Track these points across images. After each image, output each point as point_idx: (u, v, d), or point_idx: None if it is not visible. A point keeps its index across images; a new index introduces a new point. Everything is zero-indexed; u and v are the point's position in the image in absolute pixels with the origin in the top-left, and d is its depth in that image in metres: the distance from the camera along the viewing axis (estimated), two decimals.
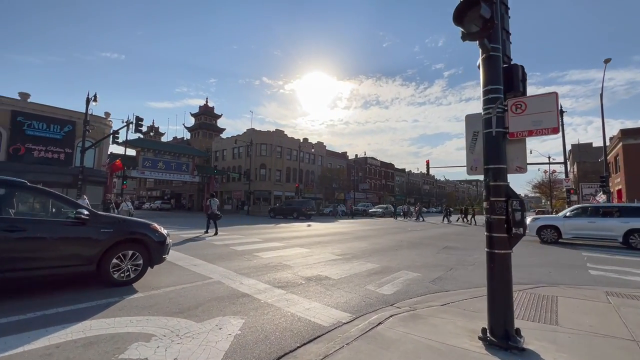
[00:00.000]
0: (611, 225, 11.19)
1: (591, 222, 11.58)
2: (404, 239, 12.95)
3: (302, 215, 28.80)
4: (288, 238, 12.07)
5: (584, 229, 11.71)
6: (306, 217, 28.91)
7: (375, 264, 7.46)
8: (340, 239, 12.25)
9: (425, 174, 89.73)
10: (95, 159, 28.85)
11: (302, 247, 9.65)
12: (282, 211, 30.36)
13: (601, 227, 11.32)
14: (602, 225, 11.33)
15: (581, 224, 11.78)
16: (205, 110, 59.39)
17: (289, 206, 30.54)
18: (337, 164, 56.56)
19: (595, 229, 11.46)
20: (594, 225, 11.49)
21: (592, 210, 12.22)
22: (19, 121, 24.48)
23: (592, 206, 12.71)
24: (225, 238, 11.43)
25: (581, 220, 11.89)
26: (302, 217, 28.78)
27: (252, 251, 8.61)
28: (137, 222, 5.23)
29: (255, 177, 44.31)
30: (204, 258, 7.40)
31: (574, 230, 11.90)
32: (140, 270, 5.09)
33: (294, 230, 16.23)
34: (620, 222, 11.08)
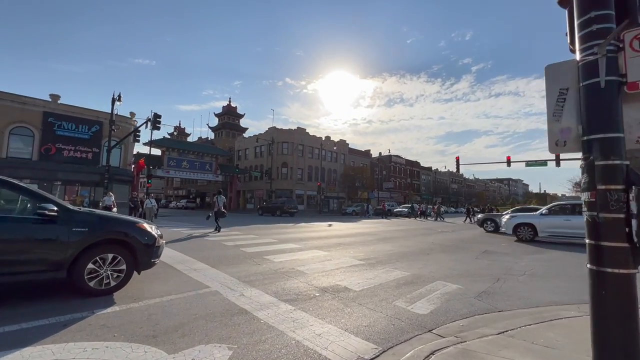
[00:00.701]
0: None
1: (567, 221, 11.15)
2: (435, 241, 11.61)
3: (285, 212, 30.38)
4: (306, 239, 11.13)
5: (559, 227, 11.34)
6: (289, 214, 30.43)
7: (405, 271, 6.32)
8: (363, 241, 11.14)
9: (453, 172, 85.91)
10: (121, 158, 29.45)
11: (320, 250, 8.65)
12: (269, 209, 32.49)
13: (577, 226, 10.69)
14: (578, 224, 10.64)
15: (557, 222, 11.42)
16: (229, 110, 60.01)
17: (274, 204, 32.80)
18: (360, 162, 55.12)
19: (571, 228, 11.00)
20: (569, 224, 11.05)
21: (569, 208, 11.77)
22: (50, 122, 25.34)
23: (569, 204, 12.19)
24: (237, 238, 10.67)
25: (557, 218, 11.51)
26: (285, 214, 30.38)
27: (264, 254, 7.72)
28: (120, 220, 4.45)
29: (276, 175, 43.94)
30: (208, 261, 6.59)
31: (550, 229, 11.53)
32: (123, 277, 4.31)
33: (314, 230, 15.29)
34: None
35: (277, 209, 30.94)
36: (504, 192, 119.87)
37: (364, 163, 56.43)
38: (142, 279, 4.96)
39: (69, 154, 26.14)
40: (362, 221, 25.03)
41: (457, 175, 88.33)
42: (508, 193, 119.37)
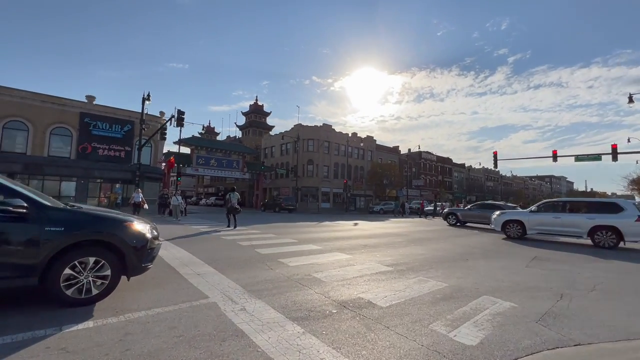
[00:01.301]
0: (577, 221, 10.74)
1: (556, 218, 11.14)
2: (474, 245, 10.31)
3: (283, 209, 34.06)
4: (328, 239, 10.30)
5: (548, 224, 11.29)
6: (287, 210, 33.90)
7: (441, 281, 5.30)
8: (391, 243, 10.11)
9: (488, 169, 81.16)
10: (152, 157, 30.29)
11: (343, 253, 7.78)
12: (269, 206, 36.51)
13: (566, 223, 10.89)
14: (567, 221, 10.89)
15: (546, 220, 11.37)
16: (255, 108, 60.53)
17: (274, 202, 36.87)
18: (388, 159, 53.36)
19: (560, 225, 11.01)
20: (559, 221, 11.06)
21: (558, 205, 11.68)
22: (86, 122, 26.49)
23: (559, 201, 12.02)
24: (255, 237, 10.07)
25: (546, 215, 11.45)
26: (283, 210, 34.04)
27: (279, 256, 6.99)
28: (104, 218, 3.86)
29: (302, 173, 43.51)
30: (216, 264, 5.96)
31: (539, 226, 11.51)
32: (108, 284, 3.72)
33: (338, 230, 14.43)
34: (586, 218, 10.62)
35: (276, 206, 35.20)
36: (545, 190, 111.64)
37: (392, 160, 54.56)
38: (135, 286, 4.38)
39: (104, 152, 27.22)
40: (390, 220, 23.76)
41: (492, 172, 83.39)
42: (550, 191, 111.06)
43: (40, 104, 24.90)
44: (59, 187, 25.58)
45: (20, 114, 24.16)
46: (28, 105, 24.45)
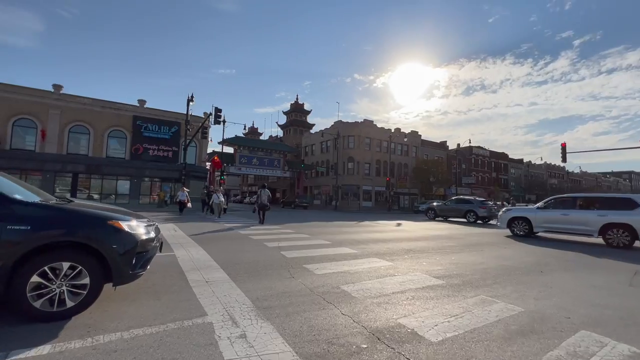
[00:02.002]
0: (586, 218, 10.23)
1: (565, 215, 10.70)
2: (548, 253, 8.46)
3: (298, 206, 38.23)
4: (366, 242, 9.17)
5: (556, 222, 10.87)
6: (302, 207, 37.84)
7: (513, 303, 3.96)
8: (440, 247, 8.68)
9: (552, 164, 72.65)
10: (197, 156, 31.45)
11: (382, 259, 6.64)
12: (287, 203, 41.24)
13: (575, 221, 10.42)
14: (576, 219, 10.42)
15: (554, 217, 10.95)
16: (296, 107, 60.76)
17: (290, 200, 41.24)
18: (434, 155, 50.11)
19: (568, 223, 10.56)
20: (567, 218, 10.60)
21: (567, 201, 11.15)
22: (138, 124, 28.22)
23: (568, 197, 11.43)
24: (285, 237, 9.29)
25: (554, 212, 11.04)
26: (298, 207, 37.97)
27: (306, 260, 6.08)
28: (83, 216, 3.22)
29: (342, 171, 42.46)
30: (232, 268, 5.22)
31: (546, 223, 11.12)
32: (86, 294, 3.08)
33: (378, 230, 13.18)
34: (596, 215, 10.08)
35: (292, 203, 39.60)
36: (623, 188, 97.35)
37: (439, 156, 51.14)
38: (128, 294, 3.75)
39: (154, 153, 28.79)
40: (438, 221, 21.70)
41: (556, 168, 74.70)
42: (630, 188, 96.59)
43: (100, 109, 27.01)
44: (115, 186, 27.57)
45: (83, 118, 26.40)
46: (89, 111, 26.65)
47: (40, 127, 24.93)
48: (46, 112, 25.04)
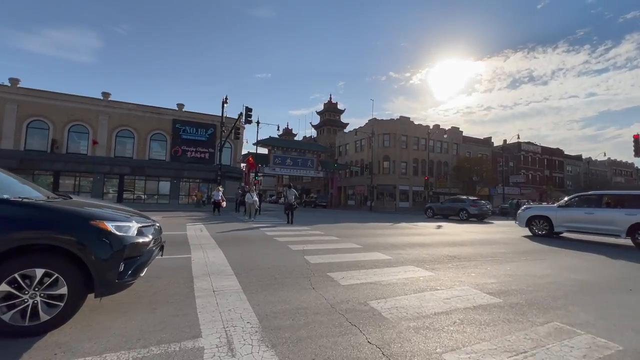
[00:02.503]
0: (613, 217, 9.53)
1: (589, 214, 10.05)
2: (630, 266, 6.91)
3: (317, 205, 39.24)
4: (402, 246, 8.22)
5: (579, 221, 10.27)
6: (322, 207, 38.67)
7: (602, 337, 2.91)
8: (490, 254, 7.49)
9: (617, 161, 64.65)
10: (232, 157, 32.08)
11: (421, 267, 5.71)
12: (308, 202, 42.01)
13: (600, 220, 9.76)
14: (601, 218, 9.76)
15: (577, 216, 10.37)
16: (329, 107, 60.25)
17: (310, 199, 42.69)
18: (477, 153, 46.78)
19: (593, 222, 9.90)
20: (591, 218, 9.95)
21: (592, 199, 10.49)
22: (177, 127, 29.39)
23: (593, 194, 10.72)
24: (312, 240, 8.64)
25: (577, 211, 10.45)
26: (317, 206, 38.46)
27: (331, 267, 5.35)
28: (64, 214, 2.79)
29: (378, 170, 41.06)
30: (246, 275, 4.65)
31: (568, 223, 10.56)
32: (64, 306, 2.64)
33: (416, 233, 12.07)
34: (624, 214, 9.34)
35: (312, 203, 41.02)
36: None
37: (484, 153, 47.63)
38: (119, 303, 3.29)
39: (191, 154, 29.80)
40: (484, 223, 19.79)
41: (622, 164, 66.44)
42: None
43: (142, 114, 28.52)
44: (157, 187, 28.92)
45: (128, 123, 28.04)
46: (133, 116, 28.25)
47: (91, 132, 26.87)
48: (96, 118, 26.94)
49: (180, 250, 6.29)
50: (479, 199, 23.71)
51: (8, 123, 24.63)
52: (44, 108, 25.58)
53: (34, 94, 25.54)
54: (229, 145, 30.89)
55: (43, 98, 25.66)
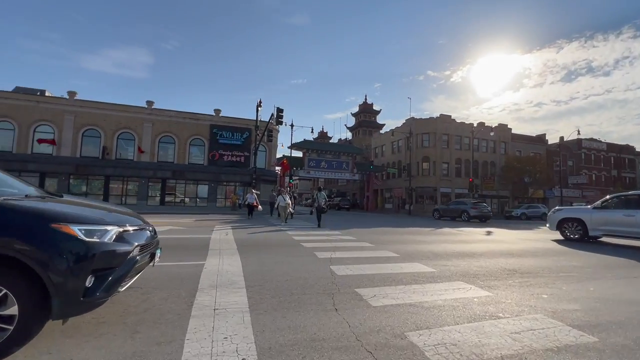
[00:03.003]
0: None
1: (629, 216, 9.21)
2: None
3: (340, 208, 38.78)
4: (446, 255, 7.08)
5: (618, 224, 9.46)
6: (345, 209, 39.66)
7: None
8: (559, 268, 6.11)
9: None
10: (266, 160, 32.27)
11: (473, 284, 4.63)
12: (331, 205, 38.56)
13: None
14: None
15: (615, 218, 9.55)
16: (365, 108, 58.97)
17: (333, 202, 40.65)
18: (529, 151, 42.67)
19: (634, 226, 9.06)
20: (632, 221, 9.11)
21: (632, 200, 9.57)
22: (214, 132, 30.20)
23: (633, 194, 9.80)
24: (342, 246, 7.79)
25: (615, 213, 9.62)
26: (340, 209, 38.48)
27: (360, 281, 4.48)
28: (20, 213, 2.27)
29: (416, 172, 39.03)
30: (259, 289, 3.95)
31: (605, 226, 9.79)
32: (13, 330, 2.11)
33: (463, 240, 10.70)
34: None
35: (336, 205, 39.92)
36: None
37: (537, 152, 43.34)
38: (99, 322, 2.73)
39: (228, 158, 30.43)
40: (540, 228, 17.45)
41: None
42: None
43: (182, 120, 29.72)
44: (196, 190, 29.88)
45: (170, 129, 29.36)
46: (175, 122, 29.53)
47: (137, 138, 28.52)
48: (141, 125, 28.56)
49: (195, 256, 5.82)
50: (480, 201, 25.28)
51: (66, 132, 26.95)
52: (97, 117, 27.63)
53: (88, 105, 27.72)
54: (264, 148, 31.11)
55: (96, 108, 27.76)
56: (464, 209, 22.31)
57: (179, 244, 7.28)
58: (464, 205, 22.94)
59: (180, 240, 7.88)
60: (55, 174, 26.32)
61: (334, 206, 40.30)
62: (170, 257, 5.56)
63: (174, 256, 5.75)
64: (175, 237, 8.60)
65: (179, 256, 5.79)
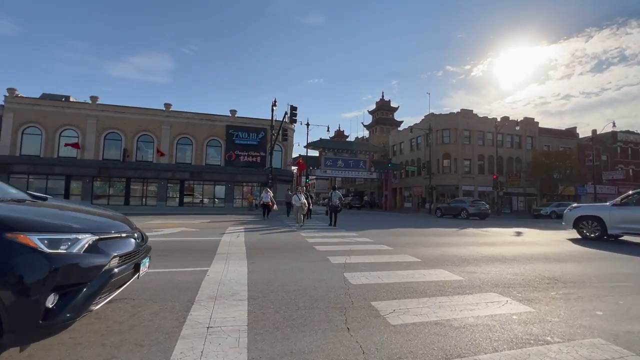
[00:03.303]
0: None
1: None
2: None
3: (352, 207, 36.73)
4: (473, 260, 6.42)
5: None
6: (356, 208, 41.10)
7: None
8: (608, 276, 5.33)
9: None
10: (282, 160, 32.08)
11: (509, 296, 4.01)
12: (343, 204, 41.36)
13: None
14: None
15: (636, 216, 9.01)
16: (382, 105, 57.84)
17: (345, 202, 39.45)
18: (559, 146, 40.34)
19: None
20: None
21: None
22: (230, 133, 30.31)
23: None
24: (357, 249, 7.27)
25: (637, 210, 9.06)
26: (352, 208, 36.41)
27: (378, 293, 3.95)
28: None
29: (437, 169, 37.76)
30: (260, 301, 3.51)
31: (625, 224, 9.28)
32: None
33: (490, 241, 9.91)
34: None
35: (347, 204, 39.07)
36: None
37: (567, 146, 40.91)
38: (76, 343, 2.37)
39: (244, 159, 30.46)
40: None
41: None
42: None
43: (199, 122, 30.01)
44: (214, 191, 30.09)
45: (187, 131, 29.72)
46: (192, 124, 29.86)
47: (156, 141, 29.04)
48: (159, 127, 29.05)
49: (201, 261, 5.48)
50: (479, 199, 27.05)
51: (89, 136, 27.80)
52: (117, 121, 28.35)
53: (109, 109, 28.50)
54: (279, 148, 30.93)
55: (116, 112, 28.50)
56: (463, 207, 23.59)
57: (187, 247, 7.01)
58: (463, 203, 24.31)
59: (189, 244, 7.62)
60: (79, 177, 27.22)
61: (345, 205, 41.58)
62: (174, 263, 5.26)
63: (179, 261, 5.45)
64: (185, 239, 8.37)
65: (184, 261, 5.48)
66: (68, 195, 26.90)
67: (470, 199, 25.65)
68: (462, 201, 25.07)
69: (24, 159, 26.27)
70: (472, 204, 23.81)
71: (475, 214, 22.96)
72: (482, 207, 23.51)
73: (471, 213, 22.98)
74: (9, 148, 26.14)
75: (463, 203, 24.31)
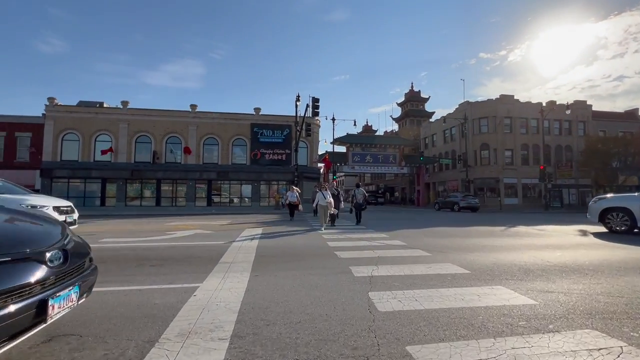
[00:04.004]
0: None
1: None
2: None
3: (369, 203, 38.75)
4: (540, 271, 4.98)
5: None
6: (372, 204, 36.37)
7: None
8: None
9: None
10: (308, 157, 31.24)
11: (616, 334, 2.65)
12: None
13: None
14: None
15: None
16: (411, 96, 55.20)
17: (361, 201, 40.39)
18: (617, 131, 35.84)
19: None
20: None
21: None
22: (255, 131, 29.97)
23: None
24: (386, 256, 6.05)
25: None
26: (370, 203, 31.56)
27: (418, 327, 2.75)
28: None
29: (474, 161, 35.07)
30: (248, 340, 2.46)
31: None
32: None
33: (552, 243, 8.24)
34: None
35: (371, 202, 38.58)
36: None
37: (627, 131, 36.25)
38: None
39: (269, 157, 29.99)
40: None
41: None
42: None
43: (224, 121, 29.96)
44: (240, 190, 29.94)
45: (213, 131, 29.78)
46: (217, 124, 29.88)
47: (183, 142, 29.41)
48: (187, 128, 29.36)
49: (196, 273, 4.59)
50: (470, 194, 30.32)
51: (122, 139, 28.71)
52: (147, 124, 29.03)
53: (139, 113, 29.25)
54: (304, 144, 30.13)
55: (146, 115, 29.19)
56: (455, 201, 27.06)
57: (190, 255, 6.21)
58: (455, 198, 27.96)
59: (193, 249, 6.83)
60: (114, 180, 28.22)
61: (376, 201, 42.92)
62: (162, 277, 4.42)
63: (170, 274, 4.61)
64: (192, 244, 7.63)
65: (176, 273, 4.63)
66: (104, 198, 28.01)
67: (462, 194, 29.10)
68: (455, 196, 28.74)
69: (64, 164, 27.67)
70: (463, 198, 27.33)
71: (466, 207, 26.21)
72: (471, 201, 26.91)
73: (462, 207, 26.29)
74: (51, 154, 27.66)
75: (455, 198, 28.02)
